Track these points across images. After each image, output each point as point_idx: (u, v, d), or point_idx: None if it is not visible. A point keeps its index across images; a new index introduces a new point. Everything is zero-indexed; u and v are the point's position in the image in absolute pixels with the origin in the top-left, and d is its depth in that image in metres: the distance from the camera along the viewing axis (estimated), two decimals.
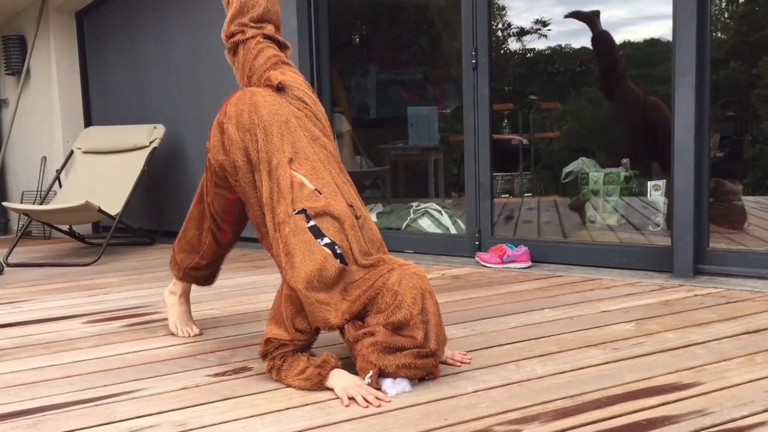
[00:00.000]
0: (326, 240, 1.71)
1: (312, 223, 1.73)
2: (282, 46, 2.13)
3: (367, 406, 1.57)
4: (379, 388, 1.64)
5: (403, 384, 1.65)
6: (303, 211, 1.75)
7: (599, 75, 4.86)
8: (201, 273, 2.29)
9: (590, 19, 4.47)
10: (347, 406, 1.58)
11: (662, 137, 4.14)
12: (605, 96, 4.96)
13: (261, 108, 1.88)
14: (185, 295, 2.37)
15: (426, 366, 1.68)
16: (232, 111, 1.90)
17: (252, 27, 2.10)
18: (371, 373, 1.62)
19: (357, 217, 1.80)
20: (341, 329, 1.74)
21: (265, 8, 2.13)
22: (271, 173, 1.83)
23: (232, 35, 2.11)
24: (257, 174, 1.86)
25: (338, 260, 1.69)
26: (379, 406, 1.57)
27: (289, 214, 1.76)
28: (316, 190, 1.79)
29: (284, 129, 1.87)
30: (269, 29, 2.12)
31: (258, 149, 1.85)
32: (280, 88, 1.95)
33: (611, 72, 4.44)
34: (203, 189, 2.12)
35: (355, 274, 1.71)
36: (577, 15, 4.62)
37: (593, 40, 4.49)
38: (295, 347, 1.75)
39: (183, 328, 2.32)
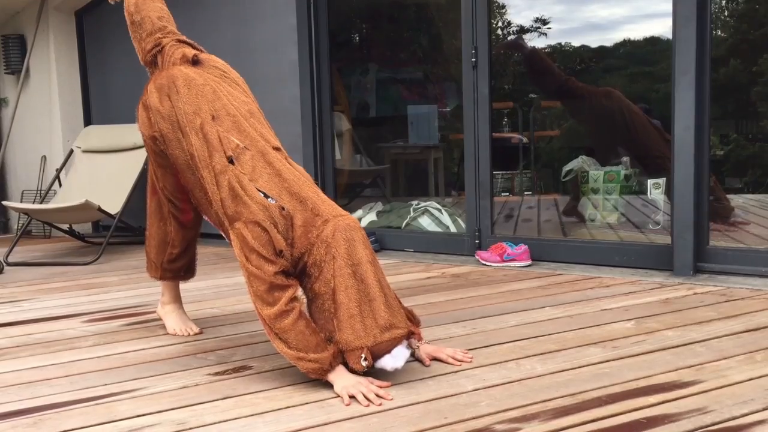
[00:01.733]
0: (260, 193, 1.77)
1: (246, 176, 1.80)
2: (194, 48, 2.21)
3: (368, 405, 1.57)
4: (360, 372, 1.64)
5: (401, 355, 1.66)
6: (231, 159, 1.83)
7: (544, 89, 5.03)
8: (178, 264, 2.30)
9: (515, 44, 4.88)
10: (348, 404, 1.58)
11: (621, 122, 4.23)
12: (561, 102, 5.11)
13: (178, 78, 1.99)
14: (177, 301, 2.39)
15: (393, 320, 1.66)
16: (152, 87, 2.03)
17: (166, 37, 2.21)
18: (364, 356, 1.62)
19: (285, 158, 1.88)
20: (296, 276, 1.76)
21: (171, 22, 2.27)
22: (198, 133, 1.90)
23: (151, 51, 2.21)
24: (185, 138, 1.92)
25: (279, 209, 1.73)
26: (380, 404, 1.57)
27: (226, 165, 1.83)
28: (238, 144, 1.86)
29: (202, 91, 1.95)
30: (181, 36, 2.24)
31: (180, 113, 1.93)
32: (195, 61, 2.07)
33: (552, 80, 4.60)
34: (153, 179, 2.18)
35: (294, 218, 1.74)
36: (503, 47, 4.93)
37: (525, 62, 4.69)
38: (297, 287, 1.73)
39: (183, 328, 2.33)
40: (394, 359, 1.66)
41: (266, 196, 1.76)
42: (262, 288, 1.70)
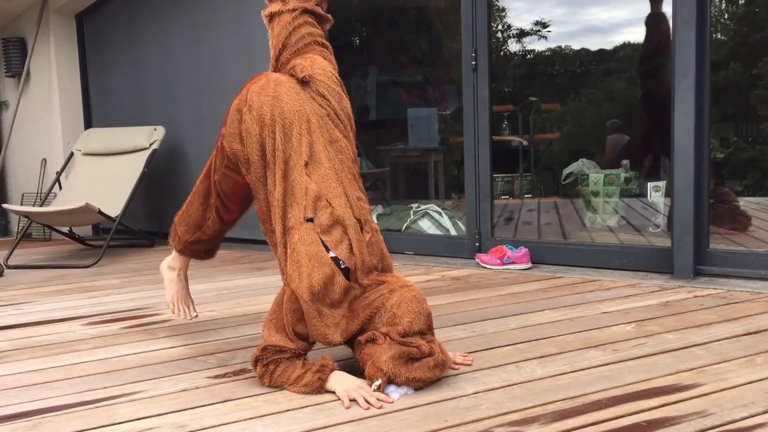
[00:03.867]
0: (332, 254, 1.70)
1: (321, 237, 1.72)
2: (322, 20, 2.04)
3: (368, 408, 1.57)
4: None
5: (403, 389, 1.66)
6: (311, 219, 1.73)
7: (642, 54, 4.53)
8: (201, 247, 2.21)
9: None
10: (348, 407, 1.58)
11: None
12: (640, 79, 4.71)
13: (283, 104, 1.80)
14: (184, 271, 2.28)
15: (433, 378, 1.68)
16: (254, 101, 1.81)
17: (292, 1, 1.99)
18: (379, 381, 1.62)
19: (362, 228, 1.78)
20: (347, 345, 1.76)
21: None
22: (287, 175, 1.78)
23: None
24: (270, 172, 1.80)
25: (344, 277, 1.69)
26: (380, 407, 1.57)
27: (300, 221, 1.73)
28: (327, 201, 1.76)
29: (304, 129, 1.81)
30: (311, 3, 2.02)
31: (275, 147, 1.79)
32: (304, 82, 1.87)
33: (650, 59, 4.22)
34: (211, 166, 2.02)
35: (356, 291, 1.71)
36: None
37: (647, 19, 4.26)
38: (293, 354, 1.73)
39: (180, 306, 2.26)
40: (396, 390, 1.65)
41: (337, 260, 1.70)
42: (256, 353, 1.75)
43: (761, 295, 2.55)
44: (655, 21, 4.12)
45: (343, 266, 1.70)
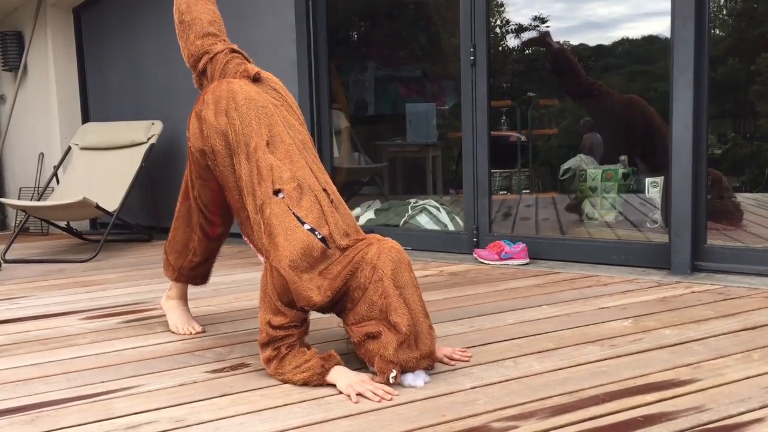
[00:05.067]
0: (307, 226, 1.74)
1: (292, 210, 1.76)
2: (246, 60, 2.17)
3: (379, 401, 1.57)
4: (387, 384, 1.64)
5: (422, 375, 1.67)
6: (279, 192, 1.79)
7: (567, 89, 4.97)
8: (196, 272, 2.29)
9: (542, 41, 4.70)
10: (357, 402, 1.58)
11: (645, 133, 4.19)
12: (585, 107, 5.06)
13: (238, 94, 1.92)
14: (182, 298, 2.37)
15: (434, 352, 1.71)
16: (210, 98, 1.95)
17: (217, 44, 2.15)
18: (395, 372, 1.62)
19: (331, 201, 1.83)
20: (335, 312, 1.77)
21: (222, 28, 2.20)
22: (250, 156, 1.86)
23: (199, 57, 2.13)
24: (236, 157, 1.89)
25: (321, 242, 1.72)
26: (390, 399, 1.58)
27: (270, 196, 1.79)
28: (291, 173, 1.82)
29: (261, 113, 1.90)
30: (233, 45, 2.18)
31: (236, 131, 1.88)
32: (256, 78, 2.00)
33: (576, 81, 4.53)
34: (187, 185, 2.14)
35: (335, 255, 1.74)
36: (531, 43, 4.85)
37: (551, 59, 4.63)
38: (300, 334, 1.74)
39: (184, 327, 2.32)
40: (415, 377, 1.67)
41: (313, 230, 1.73)
42: (262, 337, 1.76)
43: (758, 291, 2.55)
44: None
45: (319, 237, 1.73)
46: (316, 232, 1.73)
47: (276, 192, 1.79)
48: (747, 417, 1.41)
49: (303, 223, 1.74)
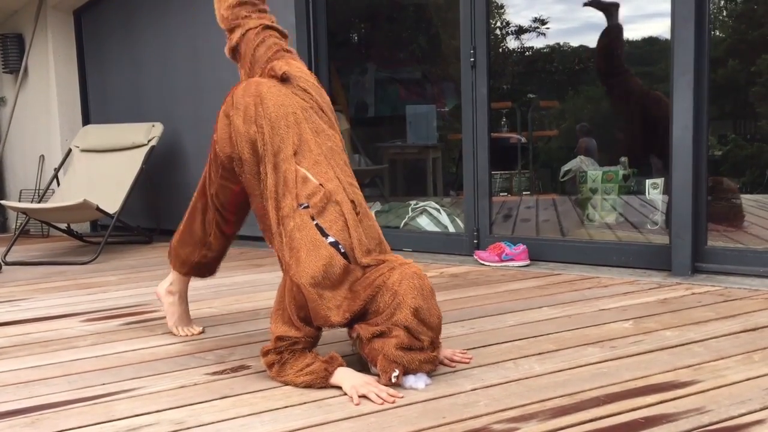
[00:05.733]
0: (330, 239, 1.71)
1: (316, 221, 1.73)
2: (282, 35, 2.11)
3: (382, 403, 1.57)
4: (389, 384, 1.64)
5: (424, 377, 1.67)
6: (306, 206, 1.74)
7: (602, 69, 4.74)
8: (207, 266, 2.24)
9: (608, 9, 4.37)
10: (358, 404, 1.57)
11: (663, 133, 4.14)
12: (606, 89, 4.89)
13: (267, 100, 1.86)
14: (183, 295, 2.33)
15: (437, 357, 1.73)
16: (240, 102, 1.88)
17: (250, 16, 2.08)
18: (397, 372, 1.62)
19: (357, 213, 1.79)
20: (349, 327, 1.75)
21: None
22: (277, 166, 1.81)
23: (230, 28, 2.09)
24: (262, 166, 1.84)
25: (343, 258, 1.70)
26: (393, 402, 1.57)
27: (294, 209, 1.75)
28: (319, 184, 1.78)
29: (290, 121, 1.85)
30: (268, 19, 2.11)
31: (264, 141, 1.83)
32: (284, 79, 1.92)
33: (614, 66, 4.37)
34: (205, 181, 2.07)
35: (357, 272, 1.71)
36: (596, 4, 4.53)
37: (605, 32, 4.38)
38: (306, 344, 1.74)
39: (184, 329, 2.30)
40: (417, 379, 1.66)
41: (336, 244, 1.71)
42: (267, 345, 1.77)
43: (759, 292, 2.55)
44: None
45: (342, 251, 1.71)
46: (340, 246, 1.71)
47: (301, 205, 1.75)
48: (748, 418, 1.41)
49: (326, 235, 1.71)
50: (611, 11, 4.36)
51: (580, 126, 5.53)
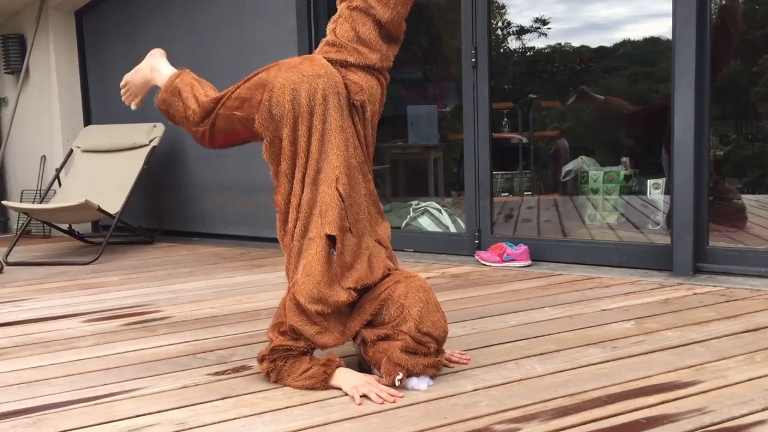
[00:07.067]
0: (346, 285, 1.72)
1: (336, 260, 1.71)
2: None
3: (382, 403, 1.57)
4: (392, 386, 1.64)
5: (426, 379, 1.67)
6: (333, 238, 1.71)
7: (625, 125, 4.93)
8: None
9: (584, 97, 4.81)
10: (360, 404, 1.58)
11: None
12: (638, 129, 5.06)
13: (327, 112, 1.74)
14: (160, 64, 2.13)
15: (441, 362, 1.73)
16: (308, 70, 1.73)
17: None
18: (401, 375, 1.63)
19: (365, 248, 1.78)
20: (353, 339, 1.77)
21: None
22: (316, 182, 1.73)
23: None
24: (299, 169, 1.74)
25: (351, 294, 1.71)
26: (393, 402, 1.58)
27: (321, 236, 1.70)
28: (348, 225, 1.74)
29: (341, 143, 1.75)
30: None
31: (309, 150, 1.74)
32: (354, 105, 1.81)
33: (629, 118, 4.57)
34: (223, 98, 1.82)
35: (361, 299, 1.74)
36: (574, 104, 4.96)
37: (598, 111, 4.59)
38: (300, 352, 1.73)
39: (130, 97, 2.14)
40: (419, 381, 1.67)
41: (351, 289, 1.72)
42: (262, 351, 1.76)
43: (761, 293, 2.55)
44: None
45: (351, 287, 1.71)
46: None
47: (329, 236, 1.70)
48: (749, 419, 1.41)
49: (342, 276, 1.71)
50: (588, 97, 4.79)
51: (552, 126, 5.62)
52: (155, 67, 2.12)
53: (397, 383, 1.63)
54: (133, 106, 2.16)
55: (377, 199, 1.87)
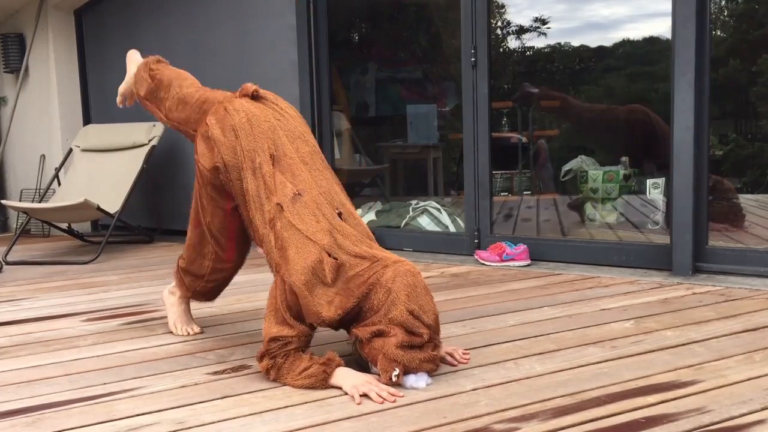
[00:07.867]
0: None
1: (295, 224, 1.76)
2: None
3: (382, 402, 1.57)
4: (393, 384, 1.64)
5: (425, 377, 1.67)
6: (286, 207, 1.79)
7: (569, 120, 5.09)
8: (209, 293, 2.29)
9: (524, 94, 4.99)
10: (359, 403, 1.58)
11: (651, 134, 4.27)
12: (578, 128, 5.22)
13: (240, 112, 1.94)
14: (185, 297, 2.36)
15: (438, 356, 1.73)
16: (213, 119, 1.96)
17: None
18: (397, 371, 1.62)
19: (339, 214, 1.82)
20: (344, 327, 1.76)
21: None
22: (256, 171, 1.86)
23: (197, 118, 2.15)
24: (243, 172, 1.89)
25: (330, 256, 1.71)
26: (394, 401, 1.58)
27: (279, 210, 1.79)
28: (298, 191, 1.81)
29: (264, 128, 1.91)
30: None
31: (242, 147, 1.89)
32: (255, 96, 2.00)
33: (572, 112, 4.74)
34: (198, 212, 2.08)
35: (348, 271, 1.72)
36: (517, 99, 5.08)
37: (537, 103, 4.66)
38: (299, 344, 1.74)
39: (183, 327, 2.32)
40: (417, 379, 1.67)
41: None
42: (261, 349, 1.77)
43: (760, 292, 2.55)
44: None
45: (332, 256, 1.72)
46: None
47: (281, 206, 1.79)
48: (748, 418, 1.41)
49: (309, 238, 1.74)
50: (527, 92, 5.02)
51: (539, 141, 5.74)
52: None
53: (394, 379, 1.63)
54: (197, 329, 2.36)
55: (325, 162, 1.98)
